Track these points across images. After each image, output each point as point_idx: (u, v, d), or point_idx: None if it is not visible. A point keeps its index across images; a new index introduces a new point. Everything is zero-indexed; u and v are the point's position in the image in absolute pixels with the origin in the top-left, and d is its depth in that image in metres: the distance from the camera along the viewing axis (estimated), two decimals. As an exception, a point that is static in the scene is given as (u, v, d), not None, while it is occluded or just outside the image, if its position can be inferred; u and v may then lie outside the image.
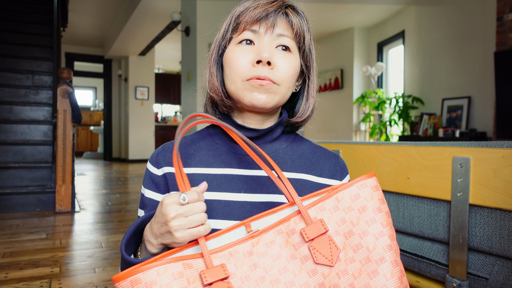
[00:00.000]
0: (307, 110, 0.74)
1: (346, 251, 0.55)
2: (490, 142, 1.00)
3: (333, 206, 0.58)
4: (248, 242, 0.58)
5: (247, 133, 0.71)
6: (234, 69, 0.67)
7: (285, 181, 0.60)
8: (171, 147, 0.74)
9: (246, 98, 0.67)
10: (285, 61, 0.67)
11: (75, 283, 1.96)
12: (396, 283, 0.52)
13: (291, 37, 0.68)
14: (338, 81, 6.57)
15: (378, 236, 0.55)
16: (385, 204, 0.59)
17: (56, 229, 3.00)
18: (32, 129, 4.04)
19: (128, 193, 4.77)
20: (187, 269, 0.54)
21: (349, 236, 0.56)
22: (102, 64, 9.55)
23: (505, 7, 3.73)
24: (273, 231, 0.58)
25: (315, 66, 0.74)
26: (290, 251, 0.57)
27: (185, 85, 5.02)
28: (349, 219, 0.57)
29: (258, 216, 0.61)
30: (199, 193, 0.57)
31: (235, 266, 0.56)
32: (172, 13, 5.17)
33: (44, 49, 4.74)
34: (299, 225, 0.57)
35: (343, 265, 0.54)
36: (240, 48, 0.68)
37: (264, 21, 0.67)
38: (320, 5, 5.26)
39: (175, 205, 0.55)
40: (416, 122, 5.00)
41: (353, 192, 0.59)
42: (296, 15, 0.69)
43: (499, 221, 0.98)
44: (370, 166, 1.33)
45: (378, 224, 0.56)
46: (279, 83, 0.67)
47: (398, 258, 0.55)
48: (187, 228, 0.55)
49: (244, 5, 0.68)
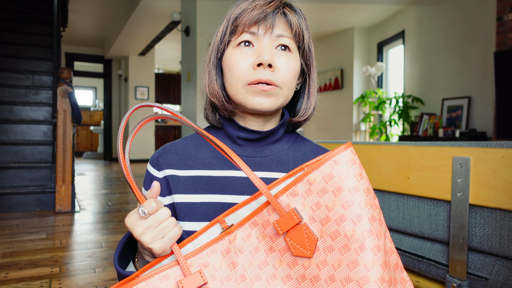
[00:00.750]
0: (309, 108, 0.74)
1: (324, 240, 0.51)
2: (490, 142, 1.00)
3: (305, 190, 0.53)
4: (225, 239, 0.55)
5: (250, 135, 0.71)
6: (235, 73, 0.66)
7: (251, 172, 0.56)
8: (172, 149, 0.73)
9: (248, 102, 0.66)
10: (286, 62, 0.66)
11: (75, 283, 1.96)
12: (378, 272, 0.49)
13: (291, 37, 0.67)
14: (338, 81, 6.57)
15: (356, 221, 0.50)
16: (363, 179, 0.52)
17: (56, 229, 3.00)
18: (32, 129, 4.04)
19: (128, 193, 4.77)
20: (163, 281, 0.53)
21: (325, 222, 0.51)
22: (102, 64, 9.55)
23: (505, 7, 3.73)
24: (248, 223, 0.55)
25: (315, 64, 0.74)
26: (268, 244, 0.54)
27: (185, 85, 5.02)
28: (324, 204, 0.52)
29: (231, 210, 0.58)
30: (156, 200, 0.55)
31: (214, 268, 0.54)
32: (172, 13, 5.17)
33: (44, 49, 4.74)
34: (273, 215, 0.54)
35: (322, 255, 0.51)
36: (239, 51, 0.66)
37: (263, 22, 0.65)
38: (320, 5, 5.26)
39: (138, 221, 0.55)
40: (416, 122, 5.00)
41: (325, 172, 0.52)
42: (294, 14, 0.67)
43: (499, 221, 0.98)
44: (370, 166, 1.33)
45: (356, 207, 0.50)
46: (281, 86, 0.66)
47: (380, 242, 0.50)
48: (161, 238, 0.54)
49: (241, 7, 0.67)
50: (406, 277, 0.55)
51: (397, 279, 0.54)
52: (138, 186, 0.56)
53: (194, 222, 0.67)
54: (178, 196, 0.69)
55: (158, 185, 0.58)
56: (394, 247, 0.56)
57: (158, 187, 0.58)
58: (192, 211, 0.68)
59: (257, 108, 0.66)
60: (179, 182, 0.70)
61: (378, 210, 0.52)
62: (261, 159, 0.71)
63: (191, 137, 0.76)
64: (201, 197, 0.68)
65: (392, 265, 0.54)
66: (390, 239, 0.55)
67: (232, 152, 0.57)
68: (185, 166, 0.71)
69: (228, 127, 0.72)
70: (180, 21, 5.21)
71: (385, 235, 0.53)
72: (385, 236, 0.53)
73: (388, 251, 0.53)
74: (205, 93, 0.74)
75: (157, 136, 9.68)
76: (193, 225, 0.67)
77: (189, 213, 0.68)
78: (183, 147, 0.74)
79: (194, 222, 0.67)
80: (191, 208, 0.68)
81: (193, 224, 0.67)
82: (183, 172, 0.70)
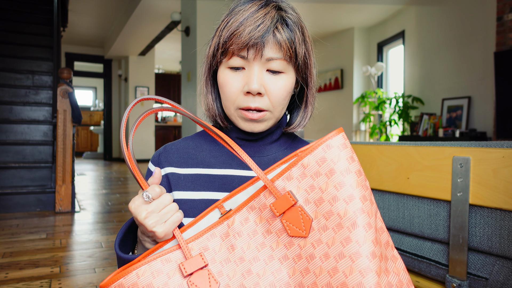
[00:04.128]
0: (305, 118, 0.74)
1: (318, 220, 0.54)
2: (490, 142, 1.00)
3: (300, 173, 0.56)
4: (223, 223, 0.58)
5: (248, 136, 0.72)
6: (227, 95, 0.67)
7: (249, 158, 0.59)
8: (173, 148, 0.75)
9: (240, 125, 0.68)
10: (277, 85, 0.65)
11: (75, 283, 1.96)
12: (369, 247, 0.51)
13: (282, 58, 0.65)
14: (338, 81, 6.57)
15: (348, 200, 0.52)
16: (355, 162, 0.55)
17: (56, 229, 3.00)
18: (32, 129, 4.04)
19: (128, 193, 4.77)
20: (165, 264, 0.55)
21: (319, 203, 0.54)
22: (102, 64, 9.55)
23: (505, 7, 3.73)
24: (246, 208, 0.58)
25: (313, 73, 0.71)
26: (265, 226, 0.57)
27: (185, 85, 5.02)
28: (317, 186, 0.54)
29: (229, 196, 0.61)
30: (160, 186, 0.58)
31: (214, 251, 0.57)
32: (172, 13, 5.17)
33: (44, 49, 4.74)
34: (269, 199, 0.56)
35: (317, 235, 0.53)
36: (230, 75, 0.66)
37: (252, 48, 0.63)
38: (320, 5, 5.26)
39: (142, 205, 0.57)
40: (416, 122, 5.00)
41: (318, 156, 0.55)
42: (285, 30, 0.64)
43: (499, 221, 0.98)
44: (370, 166, 1.33)
45: (348, 187, 0.53)
46: (271, 109, 0.67)
47: (371, 220, 0.52)
48: (164, 222, 0.57)
49: (231, 27, 0.64)
50: (397, 255, 0.57)
51: (388, 256, 0.55)
52: (141, 173, 0.59)
53: (193, 218, 0.68)
54: (178, 193, 0.70)
55: (159, 171, 0.60)
56: (385, 227, 0.58)
57: (159, 174, 0.60)
58: (191, 207, 0.69)
59: (249, 131, 0.69)
60: (179, 180, 0.71)
61: (369, 191, 0.55)
62: (259, 159, 0.73)
63: (191, 137, 0.78)
64: (200, 194, 0.70)
65: (383, 242, 0.56)
66: (381, 219, 0.58)
67: (232, 141, 0.59)
68: (185, 165, 0.72)
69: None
70: (180, 21, 5.21)
71: (375, 215, 0.55)
72: (376, 215, 0.55)
73: (379, 229, 0.55)
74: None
75: (157, 136, 9.68)
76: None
77: (188, 209, 0.69)
78: (183, 146, 0.75)
79: (193, 219, 0.68)
80: (191, 205, 0.69)
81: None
82: (183, 170, 0.72)
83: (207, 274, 0.55)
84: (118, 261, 0.63)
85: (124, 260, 0.60)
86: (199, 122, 0.62)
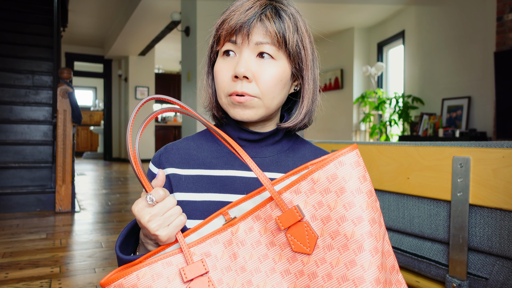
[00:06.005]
0: (300, 114, 0.71)
1: (324, 238, 0.52)
2: (490, 142, 1.00)
3: (309, 188, 0.54)
4: (227, 230, 0.57)
5: (250, 136, 0.71)
6: (219, 83, 0.67)
7: (256, 167, 0.57)
8: (174, 148, 0.74)
9: (230, 113, 0.68)
10: (266, 71, 0.65)
11: (75, 283, 1.96)
12: (374, 273, 0.50)
13: (270, 42, 0.64)
14: (338, 81, 6.57)
15: (357, 222, 0.51)
16: (367, 181, 0.53)
17: (56, 229, 3.00)
18: (32, 129, 4.04)
19: (128, 193, 4.77)
20: (166, 267, 0.55)
21: (326, 221, 0.53)
22: (102, 64, 9.54)
23: (505, 7, 3.73)
24: (251, 217, 0.57)
25: (310, 66, 0.70)
26: (269, 238, 0.56)
27: (185, 85, 5.02)
28: (326, 203, 0.53)
29: (235, 203, 0.60)
30: (163, 189, 0.57)
31: (216, 258, 0.56)
32: (172, 13, 5.17)
33: (44, 49, 4.74)
34: (275, 211, 0.55)
35: (321, 253, 0.52)
36: (223, 62, 0.67)
37: (240, 31, 0.64)
38: (320, 5, 5.26)
39: (146, 208, 0.56)
40: (416, 122, 5.00)
41: (329, 172, 0.53)
42: (273, 16, 0.64)
43: (499, 221, 0.98)
44: (370, 166, 1.33)
45: (357, 208, 0.51)
46: (259, 96, 0.65)
47: (378, 244, 0.51)
48: (167, 225, 0.56)
49: (224, 15, 0.67)
50: (402, 280, 0.57)
51: (392, 281, 0.55)
52: (146, 175, 0.58)
53: (194, 220, 0.68)
54: (179, 194, 0.70)
55: (163, 173, 0.60)
56: (391, 249, 0.57)
57: (163, 176, 0.59)
58: (193, 209, 0.69)
59: (238, 119, 0.67)
60: (180, 181, 0.70)
61: (378, 212, 0.53)
62: (261, 159, 0.72)
63: (192, 137, 0.77)
64: (201, 195, 0.69)
65: (388, 267, 0.54)
66: (388, 241, 0.57)
67: (235, 143, 0.58)
68: (186, 165, 0.72)
69: (229, 127, 0.74)
70: (180, 21, 5.21)
71: (383, 238, 0.54)
72: (384, 238, 0.54)
73: (385, 253, 0.54)
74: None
75: (157, 136, 9.68)
76: (194, 223, 0.68)
77: (190, 211, 0.68)
78: (184, 147, 0.75)
79: (195, 220, 0.68)
80: (192, 206, 0.69)
81: (194, 222, 0.68)
82: (184, 171, 0.71)
83: (207, 281, 0.54)
84: (119, 263, 0.63)
85: (125, 262, 0.60)
86: (209, 127, 0.60)
